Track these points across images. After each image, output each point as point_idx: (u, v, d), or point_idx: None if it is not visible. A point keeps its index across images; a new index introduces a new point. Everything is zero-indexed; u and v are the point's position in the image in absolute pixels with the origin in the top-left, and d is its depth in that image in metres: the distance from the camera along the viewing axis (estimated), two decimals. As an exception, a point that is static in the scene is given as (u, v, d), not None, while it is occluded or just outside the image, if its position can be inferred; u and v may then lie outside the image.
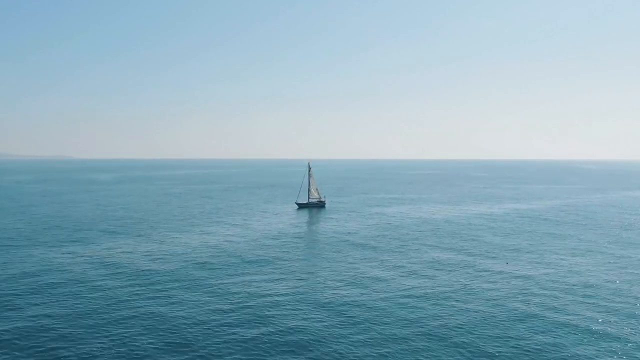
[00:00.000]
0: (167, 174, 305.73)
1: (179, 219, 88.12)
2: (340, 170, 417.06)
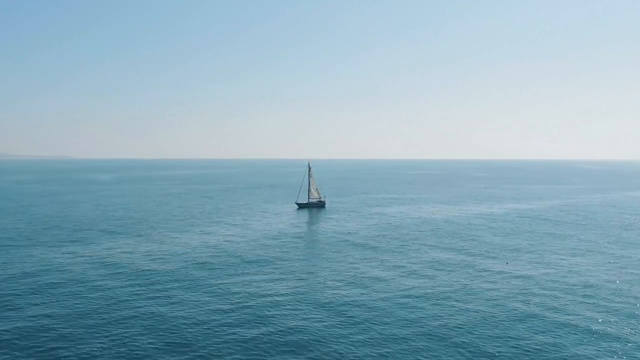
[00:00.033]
0: (167, 174, 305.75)
1: (179, 219, 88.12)
2: (340, 170, 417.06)
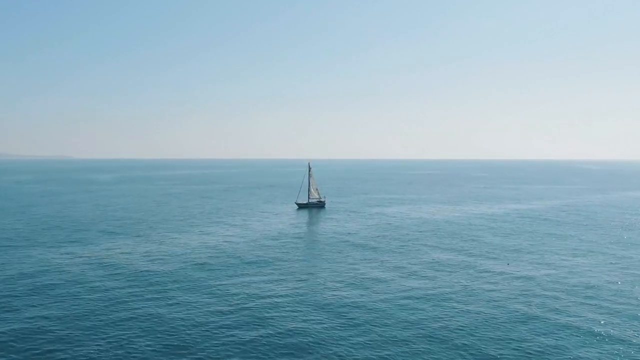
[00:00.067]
0: (167, 174, 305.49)
1: (178, 219, 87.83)
2: (340, 170, 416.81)
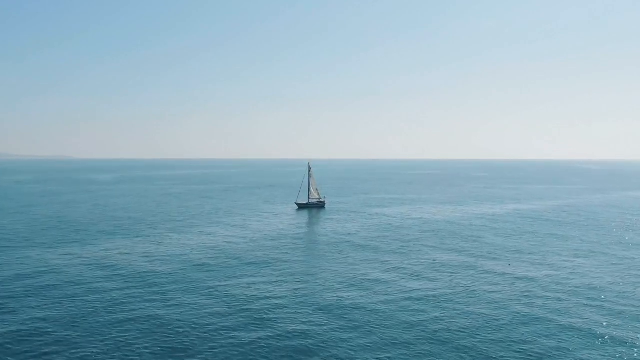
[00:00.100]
0: (167, 174, 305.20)
1: (178, 219, 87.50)
2: (340, 170, 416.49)
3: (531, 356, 29.74)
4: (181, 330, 33.34)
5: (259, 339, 31.97)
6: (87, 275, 47.43)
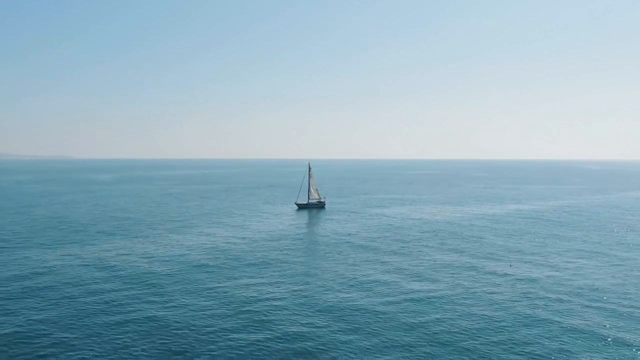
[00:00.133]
0: (167, 174, 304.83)
1: (177, 220, 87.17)
2: (340, 170, 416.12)
3: (533, 358, 29.43)
4: (179, 332, 33.02)
5: (258, 341, 31.65)
6: (86, 276, 47.11)
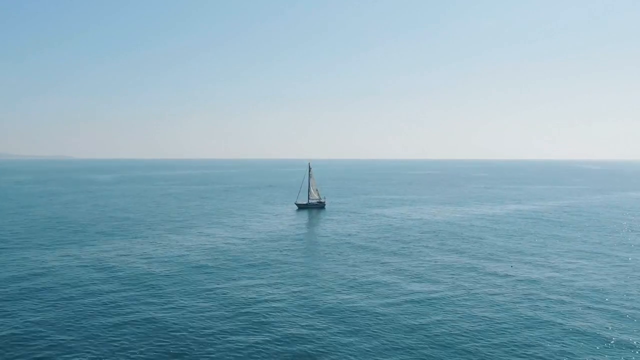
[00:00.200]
0: (167, 174, 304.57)
1: (177, 220, 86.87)
2: (340, 170, 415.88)
3: (535, 361, 29.13)
4: (178, 334, 32.72)
5: (257, 343, 31.35)
6: (84, 277, 46.80)
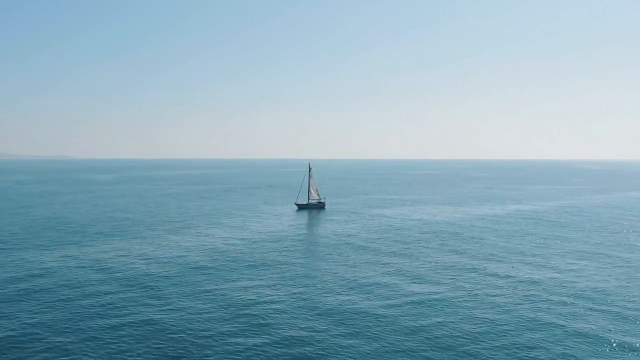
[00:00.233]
0: (167, 174, 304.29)
1: (177, 220, 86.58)
2: (340, 170, 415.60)
3: (537, 363, 28.84)
4: (176, 336, 32.43)
5: (256, 345, 31.06)
6: (82, 278, 46.52)
